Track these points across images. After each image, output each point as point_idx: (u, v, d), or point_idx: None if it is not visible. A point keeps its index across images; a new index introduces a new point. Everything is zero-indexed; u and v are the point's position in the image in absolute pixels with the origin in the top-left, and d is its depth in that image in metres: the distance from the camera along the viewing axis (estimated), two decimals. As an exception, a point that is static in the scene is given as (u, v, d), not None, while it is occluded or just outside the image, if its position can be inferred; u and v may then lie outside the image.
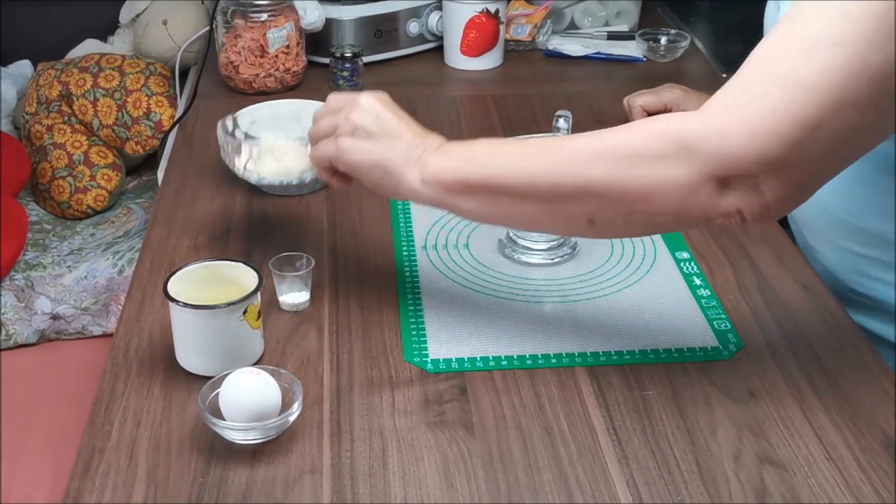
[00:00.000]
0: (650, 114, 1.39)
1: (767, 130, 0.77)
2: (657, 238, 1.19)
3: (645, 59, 1.79)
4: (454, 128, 1.51)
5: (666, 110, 1.41)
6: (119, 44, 2.30)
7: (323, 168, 1.01)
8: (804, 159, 0.78)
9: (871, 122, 0.78)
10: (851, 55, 0.75)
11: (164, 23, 2.18)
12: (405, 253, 1.17)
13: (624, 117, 1.46)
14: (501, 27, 1.72)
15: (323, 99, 1.05)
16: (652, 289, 1.11)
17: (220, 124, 1.18)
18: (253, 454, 0.87)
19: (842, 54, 0.75)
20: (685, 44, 1.79)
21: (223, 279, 0.97)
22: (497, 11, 1.70)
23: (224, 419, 0.87)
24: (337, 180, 1.01)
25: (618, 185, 0.84)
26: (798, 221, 1.23)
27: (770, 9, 1.16)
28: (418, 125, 0.98)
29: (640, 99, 1.44)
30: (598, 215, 0.87)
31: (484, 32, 1.71)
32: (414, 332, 1.03)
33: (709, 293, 1.10)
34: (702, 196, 0.81)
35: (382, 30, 1.72)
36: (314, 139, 1.01)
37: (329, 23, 1.68)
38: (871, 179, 1.06)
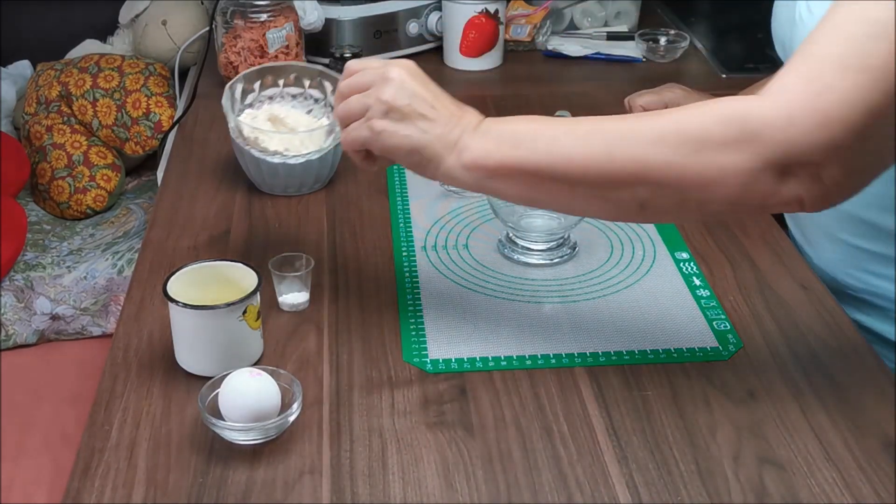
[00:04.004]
0: None
1: (838, 118, 0.76)
2: (657, 238, 1.20)
3: (644, 60, 1.79)
4: (454, 128, 1.51)
5: None
6: (118, 44, 2.30)
7: (355, 151, 0.96)
8: (868, 147, 0.77)
9: None
10: None
11: (164, 23, 2.18)
12: (405, 253, 1.17)
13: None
14: (501, 27, 1.72)
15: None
16: (651, 289, 1.11)
17: (227, 89, 1.08)
18: (252, 454, 0.87)
19: None
20: (684, 44, 1.79)
21: (223, 279, 0.97)
22: (496, 12, 1.70)
23: (224, 419, 0.87)
24: (368, 163, 0.97)
25: (676, 173, 0.81)
26: (796, 215, 1.22)
27: (800, 9, 1.12)
28: (451, 100, 0.94)
29: (641, 99, 1.43)
30: (650, 202, 0.84)
31: (483, 33, 1.71)
32: (413, 333, 1.03)
33: (708, 293, 1.10)
34: (762, 184, 0.79)
35: (382, 30, 1.72)
36: (344, 121, 0.95)
37: (328, 23, 1.68)
38: None
